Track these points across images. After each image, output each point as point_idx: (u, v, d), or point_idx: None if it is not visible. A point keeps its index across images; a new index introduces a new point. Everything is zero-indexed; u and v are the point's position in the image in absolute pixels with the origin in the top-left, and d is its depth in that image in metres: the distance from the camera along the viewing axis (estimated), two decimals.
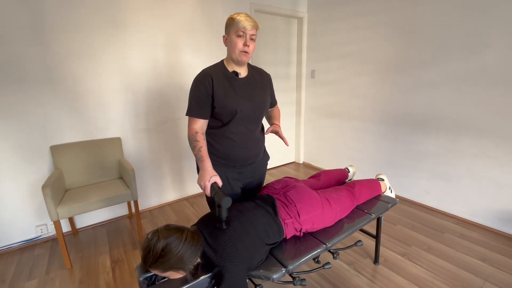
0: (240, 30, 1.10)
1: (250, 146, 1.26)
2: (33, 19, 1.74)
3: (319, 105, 3.30)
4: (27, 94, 1.80)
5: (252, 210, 1.14)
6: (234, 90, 1.17)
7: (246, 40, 1.11)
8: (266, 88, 1.29)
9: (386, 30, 2.45)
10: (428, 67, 2.21)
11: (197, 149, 1.10)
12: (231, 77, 1.18)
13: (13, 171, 1.84)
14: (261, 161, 1.38)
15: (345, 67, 2.88)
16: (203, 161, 1.08)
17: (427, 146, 2.33)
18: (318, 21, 3.09)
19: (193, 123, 1.16)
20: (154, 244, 0.91)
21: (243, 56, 1.14)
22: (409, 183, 2.51)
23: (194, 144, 1.12)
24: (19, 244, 1.94)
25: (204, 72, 1.16)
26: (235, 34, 1.11)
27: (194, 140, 1.13)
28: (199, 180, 1.04)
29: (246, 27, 1.09)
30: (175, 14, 2.29)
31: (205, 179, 1.02)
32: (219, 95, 1.14)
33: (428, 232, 2.02)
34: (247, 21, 1.09)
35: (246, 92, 1.20)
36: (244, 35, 1.11)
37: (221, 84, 1.15)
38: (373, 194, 1.55)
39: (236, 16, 1.11)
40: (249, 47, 1.12)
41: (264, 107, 1.27)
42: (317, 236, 1.22)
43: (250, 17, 1.12)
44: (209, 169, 1.06)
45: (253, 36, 1.13)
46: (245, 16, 1.10)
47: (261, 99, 1.25)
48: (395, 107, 2.50)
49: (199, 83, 1.14)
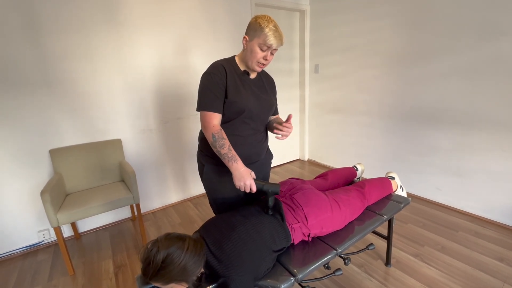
0: (265, 45, 1.04)
1: (253, 145, 1.22)
2: (28, 20, 1.68)
3: (323, 100, 3.21)
4: (24, 97, 1.75)
5: (258, 215, 1.07)
6: (244, 89, 1.14)
7: (267, 55, 1.07)
8: (272, 92, 1.28)
9: (393, 20, 2.35)
10: (438, 57, 2.11)
11: (227, 148, 1.03)
12: (242, 75, 1.15)
13: (13, 176, 1.80)
14: (264, 160, 1.33)
15: (350, 61, 2.79)
16: (236, 160, 1.02)
17: (438, 141, 2.24)
18: (321, 14, 2.99)
19: (213, 119, 1.07)
20: (154, 255, 0.85)
21: (259, 67, 1.11)
22: (419, 180, 2.43)
23: (222, 143, 1.03)
24: (21, 250, 1.91)
25: (217, 64, 1.11)
26: (258, 45, 1.05)
27: (221, 138, 1.04)
28: (241, 181, 1.00)
29: (272, 44, 1.04)
30: (175, 12, 2.21)
31: (249, 178, 1.00)
32: (231, 89, 1.09)
33: (441, 230, 1.94)
34: (275, 37, 1.03)
35: (255, 93, 1.17)
36: (267, 50, 1.06)
37: (233, 79, 1.11)
38: (384, 193, 1.47)
39: (265, 26, 1.02)
40: (267, 61, 1.09)
41: (271, 110, 1.24)
42: (327, 240, 1.15)
43: (279, 31, 1.04)
44: (245, 168, 1.02)
45: (274, 51, 1.08)
46: (274, 30, 1.02)
47: (269, 101, 1.23)
48: (403, 100, 2.41)
49: (213, 74, 1.08)
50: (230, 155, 1.03)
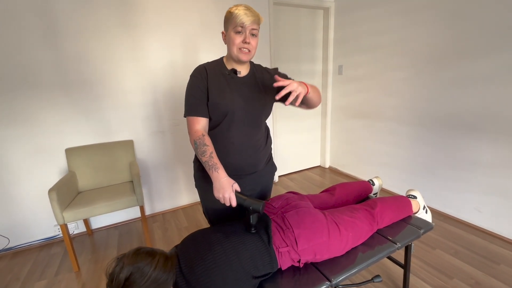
0: (238, 26, 0.95)
1: (248, 153, 1.11)
2: (48, 25, 1.77)
3: (347, 104, 2.97)
4: (42, 98, 1.85)
5: (241, 234, 0.96)
6: (230, 89, 1.04)
7: (245, 37, 0.97)
8: (267, 87, 1.12)
9: (427, 15, 2.06)
10: (480, 57, 1.79)
11: (208, 155, 0.95)
12: (228, 74, 1.05)
13: (33, 172, 1.92)
14: (263, 172, 1.21)
15: (377, 61, 2.53)
16: (217, 169, 0.93)
17: (479, 154, 1.91)
18: (347, 10, 2.76)
19: (195, 124, 1.02)
20: (118, 272, 0.79)
21: (243, 54, 1.00)
22: (454, 198, 2.10)
23: (203, 149, 0.97)
24: (39, 242, 2.03)
25: (199, 67, 1.07)
26: (233, 30, 0.97)
27: (203, 144, 0.97)
28: (220, 192, 0.90)
29: (244, 22, 0.94)
30: (188, 13, 2.19)
31: (228, 190, 0.90)
32: (213, 91, 1.03)
33: (477, 261, 1.64)
34: (246, 15, 0.94)
35: (243, 93, 1.06)
36: (243, 31, 0.96)
37: (216, 81, 1.04)
38: (399, 215, 1.26)
39: (234, 10, 0.96)
40: (249, 44, 0.98)
41: (263, 111, 1.12)
42: (321, 268, 1.00)
43: (250, 10, 0.96)
44: (226, 178, 0.92)
45: (254, 30, 0.98)
46: (244, 9, 0.95)
47: (259, 101, 1.09)
48: (437, 106, 2.10)
49: (194, 77, 1.04)
50: (211, 163, 0.94)
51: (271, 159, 1.26)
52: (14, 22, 1.69)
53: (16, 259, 1.87)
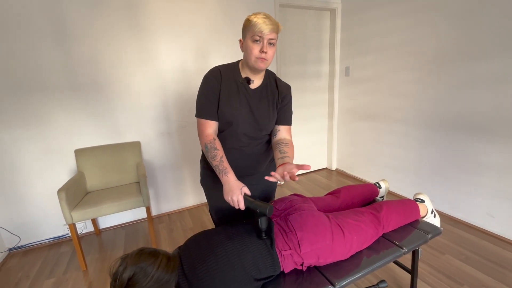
0: (256, 35, 0.94)
1: (245, 158, 1.12)
2: (58, 29, 1.82)
3: (354, 106, 2.94)
4: (54, 101, 1.90)
5: (244, 236, 0.96)
6: (239, 98, 1.05)
7: (263, 46, 0.95)
8: (275, 102, 1.11)
9: (435, 14, 2.02)
10: (489, 58, 1.75)
11: (218, 159, 0.97)
12: (241, 83, 1.05)
13: (44, 172, 1.97)
14: (265, 172, 1.22)
15: (385, 62, 2.50)
16: (227, 173, 0.95)
17: (490, 157, 1.85)
18: (354, 11, 2.74)
19: (207, 127, 1.04)
20: (121, 272, 0.80)
21: (260, 62, 0.98)
22: (466, 202, 2.05)
23: (213, 153, 0.98)
24: (49, 241, 2.08)
25: (214, 69, 1.07)
26: (251, 38, 0.96)
27: (213, 148, 0.99)
28: (229, 195, 0.92)
29: (263, 30, 0.93)
30: (196, 16, 2.22)
31: (237, 193, 0.91)
32: (223, 97, 1.03)
33: (488, 268, 1.58)
34: (264, 23, 0.93)
35: (251, 104, 1.06)
36: (261, 40, 0.95)
37: (228, 86, 1.04)
38: (406, 220, 1.24)
39: (253, 18, 0.95)
40: (267, 54, 0.96)
41: (267, 124, 1.10)
42: (325, 271, 0.99)
43: (269, 18, 0.94)
44: (235, 181, 0.94)
45: (272, 40, 0.96)
46: (263, 18, 0.93)
47: (266, 114, 1.09)
48: (446, 107, 2.06)
49: (209, 80, 1.04)
50: (221, 167, 0.96)
51: (273, 161, 1.26)
52: (27, 27, 1.75)
53: (27, 257, 1.92)
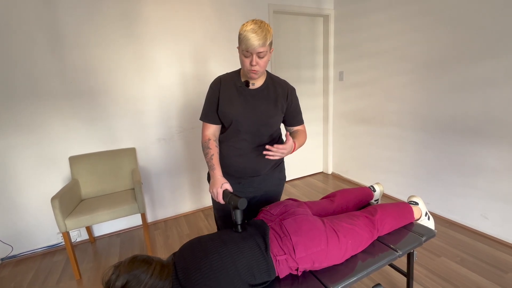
0: (244, 50, 0.98)
1: (249, 158, 1.16)
2: (54, 36, 1.83)
3: (348, 110, 2.97)
4: (49, 108, 1.89)
5: (238, 242, 0.96)
6: (239, 100, 1.12)
7: (252, 60, 0.99)
8: (278, 101, 1.15)
9: (426, 20, 2.07)
10: (481, 61, 1.79)
11: (209, 156, 1.12)
12: (240, 86, 1.12)
13: (38, 180, 1.95)
14: (267, 176, 1.24)
15: (378, 67, 2.54)
16: (214, 169, 1.09)
17: (484, 159, 1.88)
18: (347, 17, 2.79)
19: (206, 129, 1.18)
20: (114, 280, 0.79)
21: (252, 73, 1.04)
22: (460, 204, 2.06)
23: (206, 152, 1.14)
24: (42, 250, 2.04)
25: (216, 78, 1.18)
26: (241, 52, 1.01)
27: (207, 147, 1.14)
28: (211, 188, 1.06)
29: (250, 47, 0.96)
30: (191, 23, 2.24)
31: (217, 186, 1.03)
32: (222, 101, 1.13)
33: (483, 269, 1.59)
34: (253, 38, 0.95)
35: (251, 104, 1.12)
36: (250, 55, 0.99)
37: (228, 91, 1.13)
38: (401, 222, 1.24)
39: (243, 31, 0.97)
40: (257, 65, 1.01)
41: (269, 122, 1.14)
42: (320, 276, 0.99)
43: (259, 30, 0.95)
44: (219, 177, 1.07)
45: (261, 53, 0.99)
46: (251, 31, 0.95)
47: (267, 113, 1.13)
48: (440, 111, 2.09)
49: (210, 89, 1.17)
50: (210, 164, 1.11)
51: (279, 165, 1.29)
52: (23, 33, 1.75)
53: (19, 267, 1.88)
